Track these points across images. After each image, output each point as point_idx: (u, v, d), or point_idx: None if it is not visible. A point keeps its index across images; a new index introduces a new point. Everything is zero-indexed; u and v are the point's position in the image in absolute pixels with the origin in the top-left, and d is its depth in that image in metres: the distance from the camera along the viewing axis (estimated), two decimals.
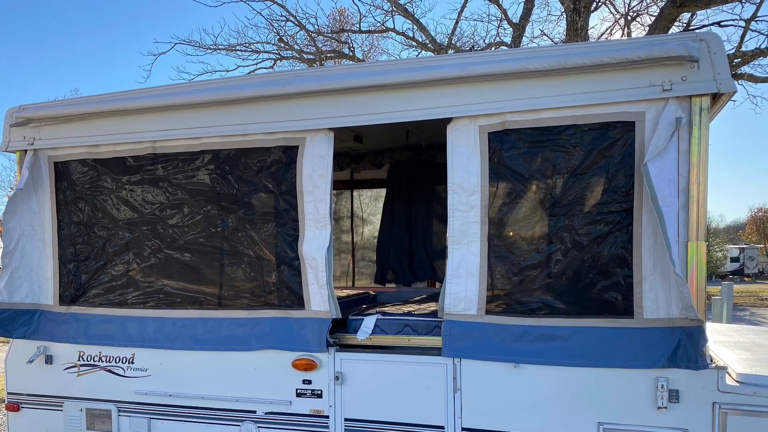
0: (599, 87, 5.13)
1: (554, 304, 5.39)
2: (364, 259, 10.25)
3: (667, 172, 4.90)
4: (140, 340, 6.63)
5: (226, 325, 6.34)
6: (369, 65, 6.19)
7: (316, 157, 5.95)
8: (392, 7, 24.78)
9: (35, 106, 6.87)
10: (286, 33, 28.23)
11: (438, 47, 24.56)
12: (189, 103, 6.26)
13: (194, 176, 6.46)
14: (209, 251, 6.45)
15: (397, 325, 6.06)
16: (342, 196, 10.30)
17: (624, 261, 5.17)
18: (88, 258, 6.90)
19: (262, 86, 6.02)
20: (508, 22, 23.72)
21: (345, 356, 6.01)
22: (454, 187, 5.58)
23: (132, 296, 6.73)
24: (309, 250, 5.96)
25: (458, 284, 5.62)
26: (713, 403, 4.97)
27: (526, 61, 5.21)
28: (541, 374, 5.41)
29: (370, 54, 33.25)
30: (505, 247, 5.53)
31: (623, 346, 5.15)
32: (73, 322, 6.91)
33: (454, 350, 5.63)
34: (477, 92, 5.46)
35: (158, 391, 6.59)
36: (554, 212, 5.38)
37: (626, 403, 5.19)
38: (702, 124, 4.86)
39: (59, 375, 6.99)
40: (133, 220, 6.70)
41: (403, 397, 5.83)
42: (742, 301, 38.32)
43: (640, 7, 23.63)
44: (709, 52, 4.85)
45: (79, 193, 6.90)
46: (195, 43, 28.08)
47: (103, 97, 6.67)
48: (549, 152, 5.36)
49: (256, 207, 6.29)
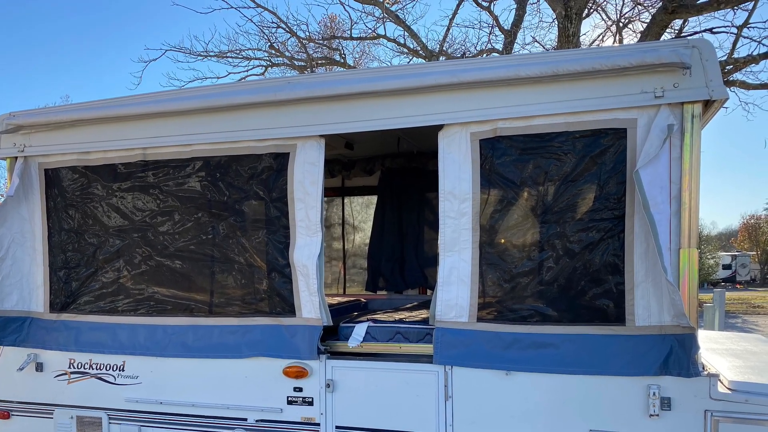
0: (591, 94, 5.12)
1: (546, 312, 5.38)
2: (355, 267, 10.24)
3: (659, 179, 4.90)
4: (131, 347, 6.61)
5: (217, 333, 6.31)
6: (360, 72, 6.17)
7: (307, 164, 5.94)
8: (383, 13, 24.84)
9: (25, 113, 6.84)
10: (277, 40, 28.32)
11: (429, 54, 24.64)
12: (180, 110, 6.25)
13: (185, 183, 6.44)
14: (200, 258, 6.43)
15: (389, 333, 6.05)
16: (333, 203, 10.29)
17: (616, 268, 5.16)
18: (78, 265, 6.88)
19: (253, 93, 6.00)
20: (500, 29, 23.81)
21: (336, 364, 6.00)
22: (446, 194, 5.57)
23: (123, 303, 6.70)
24: (300, 257, 5.94)
25: (449, 291, 5.61)
26: (705, 411, 4.96)
27: (518, 67, 5.19)
28: (532, 382, 5.40)
29: (361, 61, 33.29)
30: (497, 255, 5.52)
31: (615, 354, 5.14)
32: (63, 330, 6.89)
33: (446, 358, 5.62)
34: (468, 99, 5.45)
35: (149, 398, 6.57)
36: (546, 219, 5.37)
37: (618, 411, 5.18)
38: (694, 131, 4.86)
39: (50, 382, 6.97)
40: (123, 228, 6.68)
41: (394, 404, 5.81)
42: (734, 309, 38.36)
43: (631, 14, 23.75)
44: (701, 59, 4.85)
45: (70, 200, 6.88)
46: (186, 49, 28.20)
47: (93, 104, 6.66)
48: (541, 159, 5.35)
49: (247, 214, 6.27)
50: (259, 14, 27.38)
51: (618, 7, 25.58)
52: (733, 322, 30.47)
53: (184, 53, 28.20)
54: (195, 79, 29.07)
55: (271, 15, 27.06)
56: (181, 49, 28.09)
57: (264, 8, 26.56)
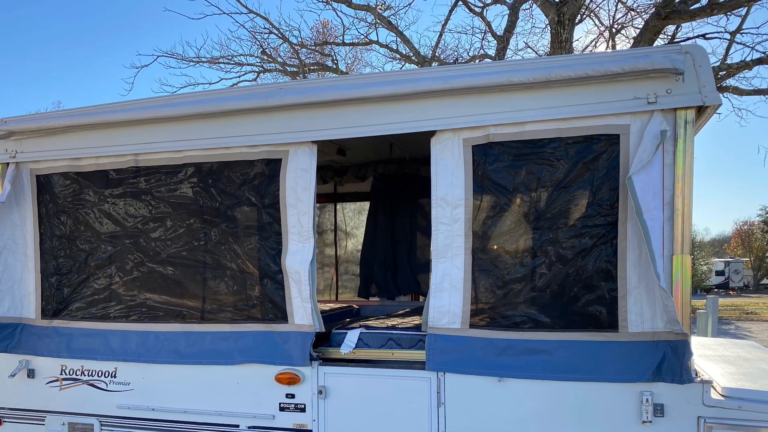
0: (584, 100, 5.12)
1: (538, 318, 5.38)
2: (348, 273, 10.23)
3: (652, 185, 4.90)
4: (123, 353, 6.59)
5: (209, 339, 6.30)
6: (352, 78, 6.18)
7: (299, 170, 5.93)
8: (376, 19, 24.79)
9: (17, 119, 6.83)
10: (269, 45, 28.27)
11: (422, 60, 24.60)
12: (172, 116, 6.24)
13: (177, 189, 6.43)
14: (192, 265, 6.42)
15: (381, 339, 6.04)
16: (325, 209, 10.28)
17: (609, 274, 5.16)
18: (70, 271, 6.87)
19: (245, 99, 6.00)
20: (493, 35, 23.79)
21: (328, 370, 5.98)
22: (438, 200, 5.56)
23: (114, 310, 6.69)
24: (292, 263, 5.94)
25: (442, 298, 5.60)
26: (698, 417, 4.95)
27: (510, 73, 5.20)
28: (525, 388, 5.39)
29: (353, 66, 33.34)
30: (489, 261, 5.51)
31: (608, 360, 5.13)
32: (55, 336, 6.87)
33: (438, 364, 5.60)
34: (461, 105, 5.45)
35: (141, 405, 6.54)
36: (538, 225, 5.37)
37: (611, 418, 5.17)
38: (687, 137, 4.86)
39: (41, 389, 6.94)
40: (115, 234, 6.67)
41: (387, 411, 5.80)
42: (727, 315, 38.42)
43: (624, 20, 23.71)
44: (694, 65, 4.85)
45: (62, 207, 6.87)
46: (178, 55, 28.08)
47: (85, 109, 6.64)
48: (533, 165, 5.35)
49: (239, 220, 6.27)
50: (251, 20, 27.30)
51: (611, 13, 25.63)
52: (726, 328, 30.50)
53: (176, 59, 28.11)
54: (187, 85, 28.95)
55: (263, 21, 26.98)
56: (173, 55, 28.03)
57: (256, 14, 26.51)
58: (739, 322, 35.08)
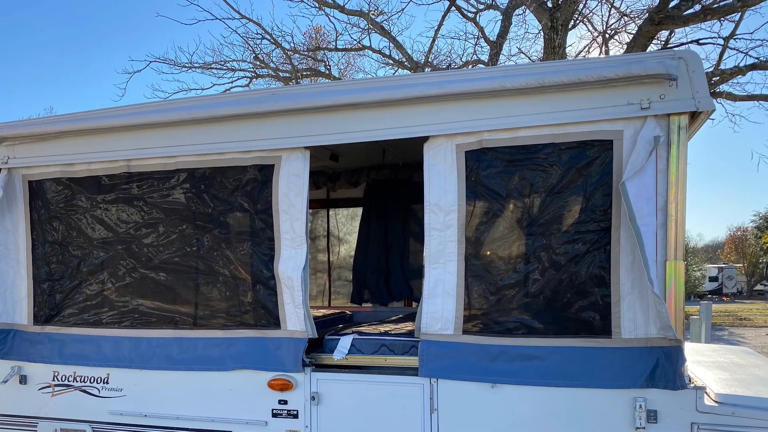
0: (577, 105, 5.12)
1: (532, 324, 5.37)
2: (341, 279, 10.22)
3: (646, 191, 4.89)
4: (115, 360, 6.57)
5: (202, 345, 6.29)
6: (345, 83, 6.17)
7: (292, 176, 5.92)
8: (368, 25, 24.76)
9: (9, 125, 6.81)
10: (261, 51, 28.18)
11: (415, 65, 24.59)
12: (164, 122, 6.23)
13: (169, 195, 6.42)
14: (184, 271, 6.41)
15: (374, 345, 6.02)
16: (318, 215, 10.27)
17: (602, 280, 5.15)
18: (62, 277, 6.85)
19: (238, 104, 5.98)
20: (486, 40, 23.76)
21: (321, 376, 5.97)
22: (431, 206, 5.55)
23: (107, 316, 6.67)
24: (285, 269, 5.92)
25: (435, 304, 5.59)
26: (692, 424, 4.95)
27: (504, 79, 5.19)
28: (518, 394, 5.38)
29: (346, 72, 33.24)
30: (483, 267, 5.50)
31: (601, 366, 5.13)
32: (47, 342, 6.85)
33: (431, 370, 5.59)
34: (454, 111, 5.44)
35: (133, 411, 6.53)
36: (532, 231, 5.36)
37: (604, 424, 5.16)
38: (680, 142, 4.86)
39: (33, 395, 6.92)
40: (107, 240, 6.65)
41: (380, 417, 5.79)
42: (721, 321, 38.42)
43: (618, 25, 23.69)
44: (687, 70, 4.85)
45: (54, 212, 6.85)
46: (170, 61, 27.96)
47: (77, 115, 6.63)
48: (526, 171, 5.34)
49: (231, 226, 6.26)
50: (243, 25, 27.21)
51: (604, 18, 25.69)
52: (720, 334, 30.50)
53: (168, 64, 28.02)
54: (179, 90, 28.85)
55: (256, 26, 26.88)
56: (165, 60, 27.92)
57: (249, 19, 26.44)
58: (732, 328, 35.10)
